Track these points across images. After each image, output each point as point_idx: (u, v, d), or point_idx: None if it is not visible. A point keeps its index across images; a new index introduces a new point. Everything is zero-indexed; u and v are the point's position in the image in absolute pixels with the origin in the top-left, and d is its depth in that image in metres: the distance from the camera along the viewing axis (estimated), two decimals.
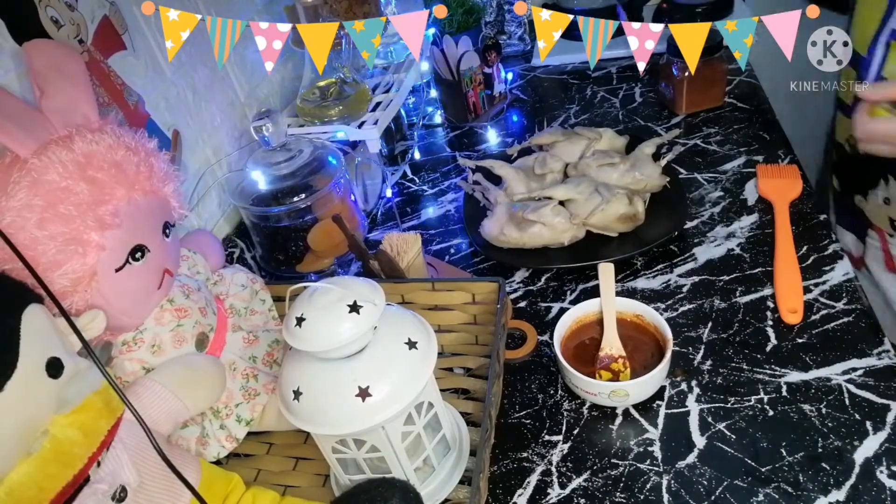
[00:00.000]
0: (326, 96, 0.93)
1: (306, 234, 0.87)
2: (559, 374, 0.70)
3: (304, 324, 0.49)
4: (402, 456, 0.55)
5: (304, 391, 0.51)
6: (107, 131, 0.57)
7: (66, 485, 0.42)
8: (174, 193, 0.62)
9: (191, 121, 0.87)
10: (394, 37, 1.08)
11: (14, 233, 0.50)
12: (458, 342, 0.76)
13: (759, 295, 0.73)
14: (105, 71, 0.72)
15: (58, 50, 0.59)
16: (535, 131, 1.07)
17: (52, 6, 0.65)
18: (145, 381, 0.57)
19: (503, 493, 0.61)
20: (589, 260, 0.80)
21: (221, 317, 0.69)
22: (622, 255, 0.80)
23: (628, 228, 0.83)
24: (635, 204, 0.82)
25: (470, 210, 0.93)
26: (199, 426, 0.64)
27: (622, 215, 0.82)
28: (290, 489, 0.66)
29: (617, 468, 0.61)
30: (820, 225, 0.79)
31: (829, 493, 0.55)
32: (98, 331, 0.53)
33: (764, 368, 0.66)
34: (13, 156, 0.52)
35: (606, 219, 0.82)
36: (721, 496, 0.56)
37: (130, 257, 0.57)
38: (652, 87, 1.13)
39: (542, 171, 0.90)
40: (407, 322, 0.55)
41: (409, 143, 1.15)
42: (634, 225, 0.83)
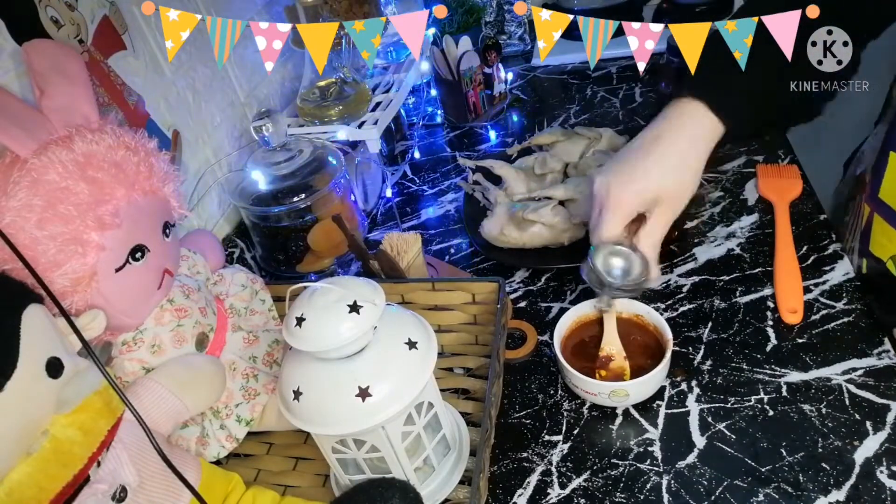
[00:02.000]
0: (326, 96, 0.93)
1: (306, 234, 0.87)
2: (559, 374, 0.70)
3: (304, 324, 0.49)
4: (402, 456, 0.55)
5: (304, 391, 0.51)
6: (107, 131, 0.57)
7: (66, 485, 0.42)
8: (174, 193, 0.62)
9: (191, 121, 0.87)
10: (394, 37, 1.08)
11: (14, 233, 0.50)
12: (458, 342, 0.76)
13: (759, 295, 0.73)
14: (105, 71, 0.72)
15: (58, 50, 0.58)
16: (535, 131, 1.07)
17: (52, 6, 0.65)
18: (145, 381, 0.57)
19: (503, 493, 0.61)
20: None
21: (221, 317, 0.69)
22: None
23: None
24: None
25: (470, 210, 0.93)
26: (199, 426, 0.64)
27: None
28: (290, 489, 0.66)
29: (617, 468, 0.61)
30: (820, 225, 0.79)
31: (829, 493, 0.55)
32: (98, 331, 0.53)
33: (764, 368, 0.66)
34: (13, 156, 0.53)
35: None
36: (721, 496, 0.56)
37: (130, 257, 0.57)
38: (652, 87, 1.13)
39: (542, 171, 0.90)
40: (407, 322, 0.55)
41: (409, 143, 1.15)
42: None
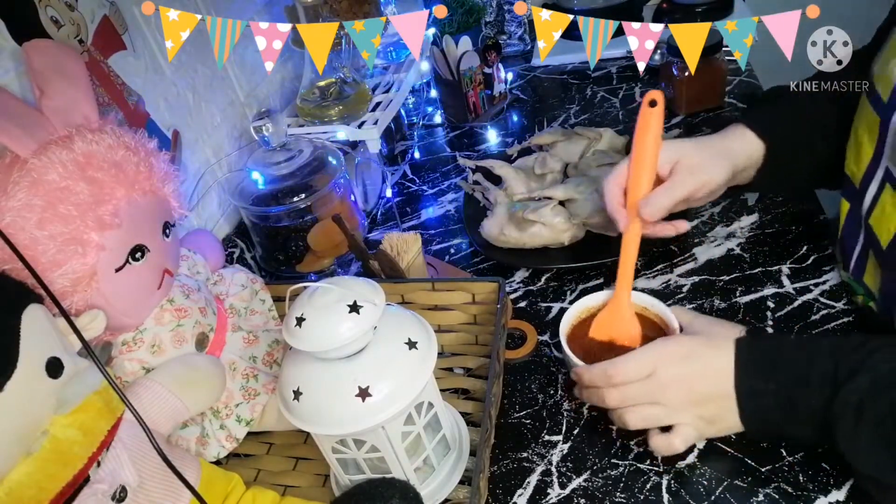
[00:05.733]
0: (326, 96, 0.93)
1: (306, 234, 0.87)
2: (562, 371, 0.70)
3: (304, 324, 0.49)
4: (402, 456, 0.55)
5: (304, 391, 0.51)
6: (107, 131, 0.57)
7: (65, 485, 0.42)
8: (174, 193, 0.62)
9: (191, 121, 0.87)
10: (394, 37, 1.08)
11: (14, 233, 0.50)
12: (458, 342, 0.76)
13: (759, 295, 0.73)
14: (105, 71, 0.72)
15: (58, 50, 0.58)
16: (535, 131, 1.07)
17: (52, 6, 0.65)
18: (145, 381, 0.57)
19: (503, 493, 0.61)
20: (589, 260, 0.80)
21: (221, 317, 0.69)
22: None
23: None
24: None
25: (470, 210, 0.93)
26: (199, 426, 0.64)
27: None
28: (290, 489, 0.66)
29: (617, 468, 0.61)
30: (820, 225, 0.79)
31: (829, 493, 0.55)
32: (98, 331, 0.53)
33: None
34: (13, 156, 0.52)
35: (606, 219, 0.82)
36: (721, 496, 0.56)
37: (130, 257, 0.57)
38: (652, 87, 1.13)
39: (542, 171, 0.90)
40: (407, 322, 0.55)
41: (409, 143, 1.15)
42: None
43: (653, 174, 0.66)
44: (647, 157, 0.65)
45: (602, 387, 0.58)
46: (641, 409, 0.57)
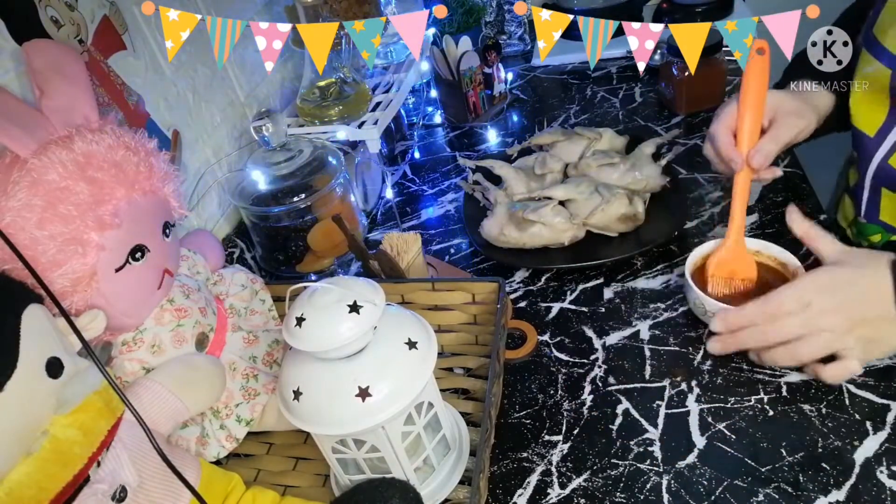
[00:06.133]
0: (326, 96, 0.93)
1: (306, 234, 0.88)
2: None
3: (304, 324, 0.49)
4: (402, 456, 0.55)
5: (304, 391, 0.51)
6: (107, 131, 0.57)
7: (65, 485, 0.42)
8: (174, 193, 0.62)
9: (191, 121, 0.87)
10: (394, 37, 1.08)
11: (14, 233, 0.50)
12: (458, 342, 0.76)
13: None
14: (105, 71, 0.72)
15: (58, 50, 0.58)
16: (535, 131, 1.07)
17: (52, 6, 0.65)
18: (145, 381, 0.57)
19: (503, 493, 0.61)
20: (589, 260, 0.80)
21: (221, 317, 0.69)
22: (622, 255, 0.80)
23: (628, 228, 0.83)
24: (635, 204, 0.82)
25: (470, 210, 0.93)
26: (199, 426, 0.64)
27: (622, 215, 0.82)
28: (290, 489, 0.66)
29: (617, 468, 0.61)
30: (820, 225, 0.79)
31: (829, 493, 0.55)
32: (98, 331, 0.53)
33: (764, 368, 0.66)
34: (13, 156, 0.52)
35: (606, 219, 0.82)
36: (721, 496, 0.56)
37: (130, 257, 0.57)
38: (652, 87, 1.13)
39: (542, 171, 0.90)
40: (407, 322, 0.55)
41: (409, 143, 1.15)
42: (634, 225, 0.83)
43: (759, 121, 0.69)
44: (756, 103, 0.68)
45: (760, 324, 0.60)
46: (808, 340, 0.59)
